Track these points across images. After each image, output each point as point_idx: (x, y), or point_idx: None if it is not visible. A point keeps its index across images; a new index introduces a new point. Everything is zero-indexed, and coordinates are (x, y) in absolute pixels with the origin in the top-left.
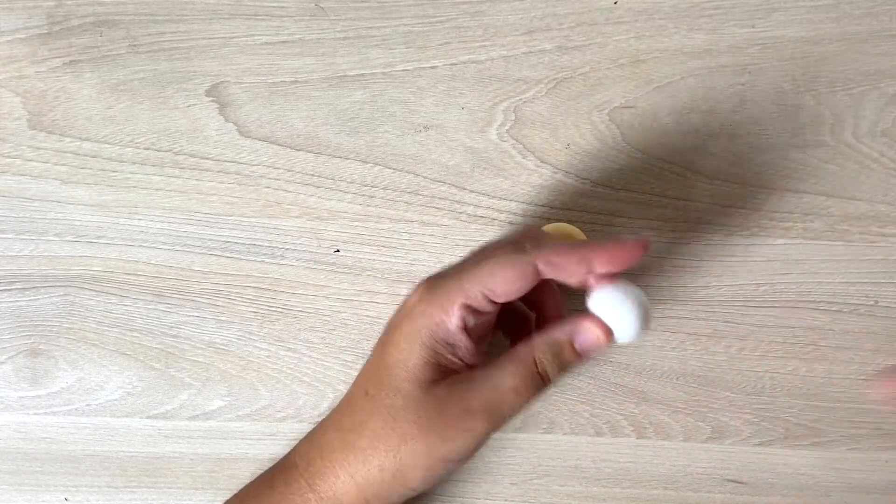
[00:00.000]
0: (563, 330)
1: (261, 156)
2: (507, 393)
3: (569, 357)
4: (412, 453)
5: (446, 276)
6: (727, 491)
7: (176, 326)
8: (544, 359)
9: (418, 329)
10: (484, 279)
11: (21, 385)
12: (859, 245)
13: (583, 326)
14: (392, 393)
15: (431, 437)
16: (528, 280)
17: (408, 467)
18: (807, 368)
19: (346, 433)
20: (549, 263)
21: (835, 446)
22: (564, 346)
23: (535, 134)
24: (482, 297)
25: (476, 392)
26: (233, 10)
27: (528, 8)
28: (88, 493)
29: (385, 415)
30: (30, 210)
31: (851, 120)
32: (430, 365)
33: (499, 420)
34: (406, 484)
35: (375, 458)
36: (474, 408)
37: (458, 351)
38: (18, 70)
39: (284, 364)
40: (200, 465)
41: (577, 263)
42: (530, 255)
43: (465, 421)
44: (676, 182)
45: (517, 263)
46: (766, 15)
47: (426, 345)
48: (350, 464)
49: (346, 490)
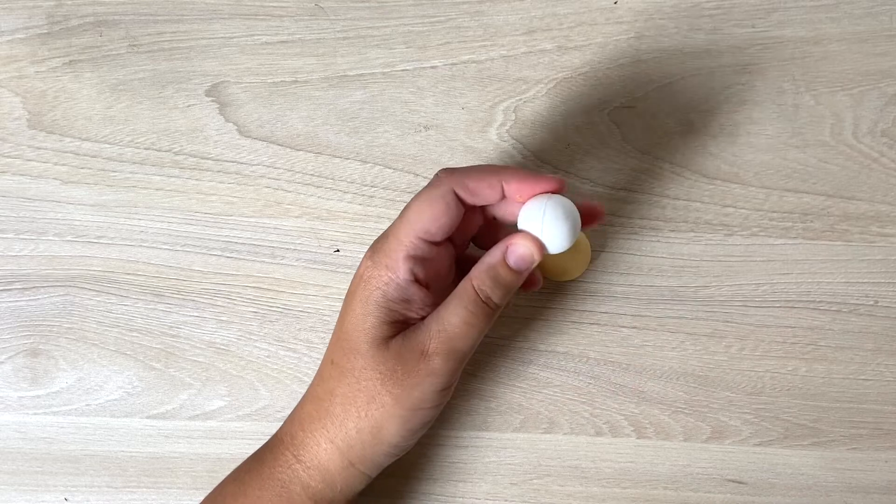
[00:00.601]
0: (495, 252)
1: (261, 156)
2: (457, 327)
3: (506, 276)
4: (382, 408)
5: (384, 236)
6: (727, 491)
7: (176, 326)
8: (483, 285)
9: (370, 292)
10: (414, 224)
11: (21, 385)
12: (859, 245)
13: (512, 243)
14: (352, 356)
15: (396, 390)
16: (452, 210)
17: (382, 423)
18: (807, 368)
19: (321, 402)
20: (464, 188)
21: (835, 446)
22: (499, 266)
23: (535, 134)
24: (420, 241)
25: (427, 334)
26: (233, 10)
27: (528, 8)
28: (88, 493)
29: (350, 378)
30: (30, 210)
31: (851, 120)
32: (385, 324)
33: (455, 355)
34: (385, 440)
35: (349, 420)
36: (430, 350)
37: (414, 305)
38: (18, 70)
39: (284, 364)
40: (200, 465)
41: (490, 186)
42: (445, 184)
43: (422, 365)
44: (676, 182)
45: (436, 197)
46: (766, 15)
47: (380, 304)
48: (328, 430)
49: (329, 456)
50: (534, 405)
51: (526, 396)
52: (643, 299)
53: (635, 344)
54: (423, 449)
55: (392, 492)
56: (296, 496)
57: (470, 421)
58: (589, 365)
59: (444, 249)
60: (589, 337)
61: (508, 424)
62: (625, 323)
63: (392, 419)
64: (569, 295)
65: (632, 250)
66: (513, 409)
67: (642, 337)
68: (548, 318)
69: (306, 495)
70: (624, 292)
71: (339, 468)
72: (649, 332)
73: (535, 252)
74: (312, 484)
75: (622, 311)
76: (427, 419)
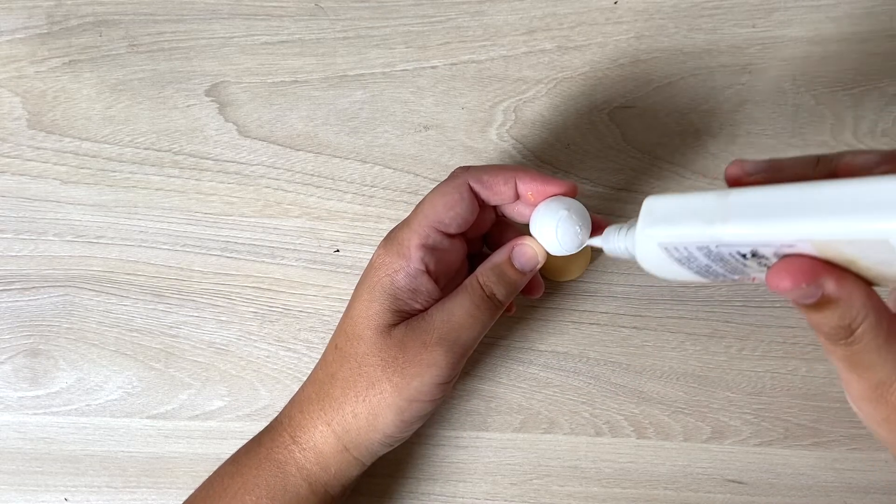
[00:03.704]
0: (502, 251)
1: (260, 156)
2: (461, 319)
3: (511, 275)
4: (380, 395)
5: (399, 226)
6: (727, 491)
7: (176, 326)
8: (489, 281)
9: (379, 279)
10: (429, 214)
11: (21, 385)
12: None
13: (518, 244)
14: (356, 342)
15: (396, 378)
16: (466, 202)
17: (379, 410)
18: (807, 368)
19: (321, 385)
20: (479, 181)
21: (835, 446)
22: (504, 265)
23: (535, 134)
24: (434, 231)
25: (431, 324)
26: (232, 10)
27: (528, 8)
28: (88, 494)
29: (352, 363)
30: (30, 210)
31: (851, 120)
32: (390, 311)
33: (458, 348)
34: (380, 428)
35: (347, 404)
36: (432, 341)
37: (420, 296)
38: (18, 70)
39: (284, 364)
40: (200, 465)
41: (505, 182)
42: (461, 177)
43: (424, 355)
44: (676, 182)
45: (451, 189)
46: (766, 15)
47: (387, 292)
48: (325, 412)
49: (324, 439)
50: (534, 405)
51: (526, 396)
52: (643, 299)
53: (635, 344)
54: (423, 449)
55: (392, 492)
56: (291, 477)
57: (470, 421)
58: (589, 365)
59: (457, 244)
60: (589, 337)
61: (508, 424)
62: (625, 323)
63: (389, 408)
64: (569, 295)
65: None
66: (513, 409)
67: (642, 337)
68: (548, 318)
69: (301, 476)
70: (624, 292)
71: (333, 451)
72: (649, 332)
73: (539, 254)
74: (307, 466)
75: (622, 311)
76: (423, 412)
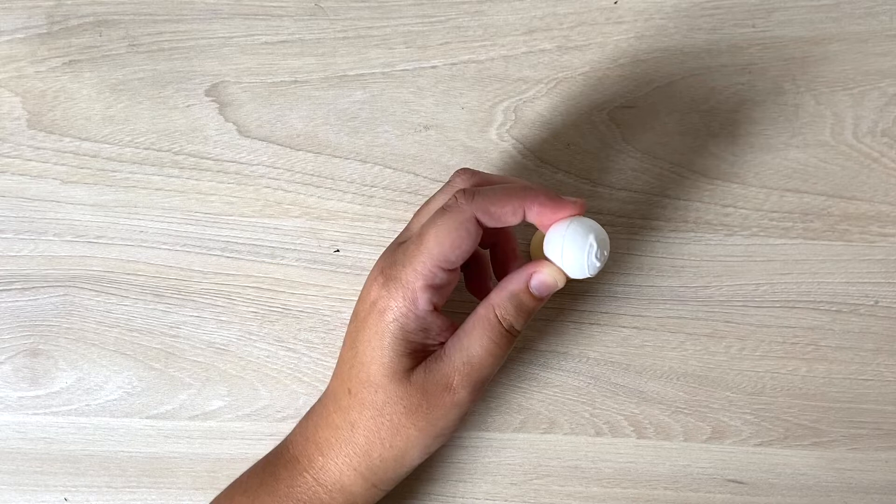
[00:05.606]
0: (518, 279)
1: (260, 156)
2: (481, 359)
3: (529, 303)
4: (407, 440)
5: (398, 262)
6: (727, 491)
7: (176, 326)
8: (507, 314)
9: (386, 324)
10: (434, 253)
11: (20, 385)
12: (859, 245)
13: (536, 271)
14: (373, 390)
15: (421, 423)
16: (473, 236)
17: (406, 452)
18: (807, 368)
19: (341, 431)
20: (487, 213)
21: (835, 446)
22: (522, 294)
23: (535, 134)
24: (439, 270)
25: (451, 366)
26: (233, 9)
27: (528, 8)
28: (88, 493)
29: (373, 412)
30: (29, 210)
31: (851, 120)
32: (404, 356)
33: (480, 385)
34: (407, 464)
35: (374, 451)
36: (454, 384)
37: (431, 333)
38: (18, 70)
39: (284, 364)
40: (200, 465)
41: (513, 213)
42: (466, 211)
43: (448, 398)
44: (676, 182)
45: (458, 225)
46: (766, 15)
47: (397, 337)
48: (351, 458)
49: (353, 481)
50: (534, 405)
51: (526, 396)
52: (643, 299)
53: (635, 344)
54: None
55: (392, 491)
56: None
57: (470, 421)
58: (589, 365)
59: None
60: (589, 337)
61: (508, 424)
62: (625, 323)
63: (415, 448)
64: (569, 295)
65: (632, 250)
66: (513, 409)
67: (642, 337)
68: (548, 318)
69: None
70: (624, 292)
71: (361, 490)
72: (649, 332)
73: (559, 280)
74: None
75: (622, 311)
76: (447, 440)
